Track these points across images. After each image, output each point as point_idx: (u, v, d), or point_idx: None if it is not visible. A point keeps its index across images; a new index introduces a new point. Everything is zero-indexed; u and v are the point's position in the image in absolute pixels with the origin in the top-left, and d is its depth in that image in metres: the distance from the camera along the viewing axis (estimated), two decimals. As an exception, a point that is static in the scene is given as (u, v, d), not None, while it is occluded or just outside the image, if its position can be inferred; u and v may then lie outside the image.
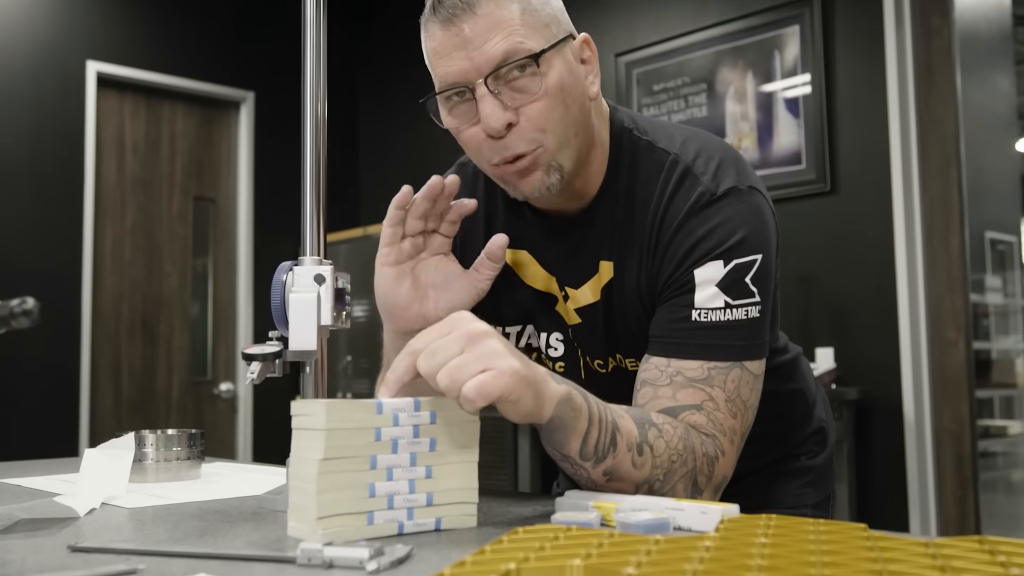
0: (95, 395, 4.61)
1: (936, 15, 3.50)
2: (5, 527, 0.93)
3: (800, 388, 1.38)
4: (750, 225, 1.10)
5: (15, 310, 0.68)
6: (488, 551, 0.70)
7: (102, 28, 4.70)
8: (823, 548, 0.70)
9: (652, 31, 4.27)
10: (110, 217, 4.74)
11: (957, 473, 3.41)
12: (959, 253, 3.46)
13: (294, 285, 1.05)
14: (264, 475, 1.43)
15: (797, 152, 3.75)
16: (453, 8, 1.07)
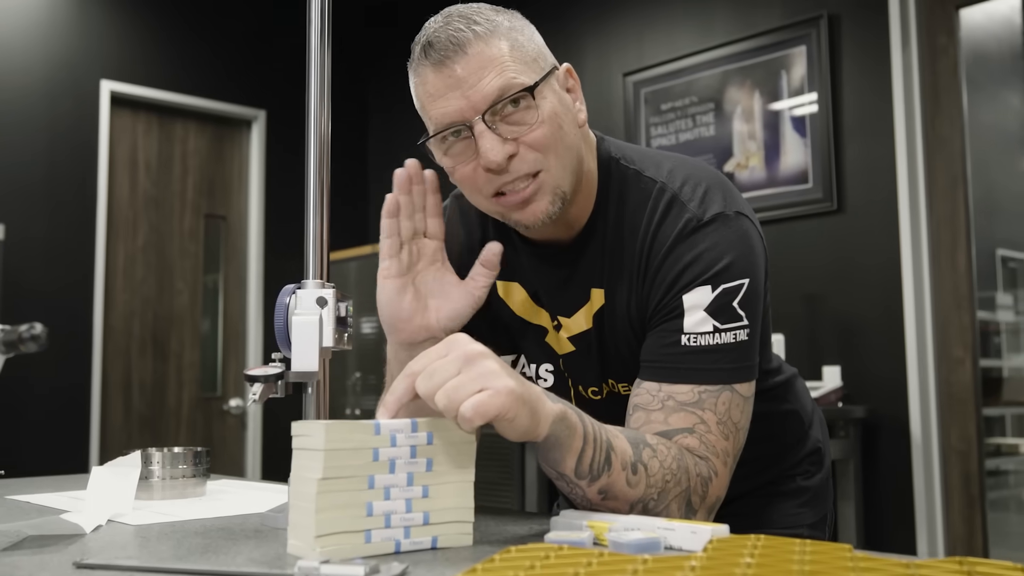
0: (106, 411, 4.64)
1: (942, 34, 3.52)
2: (13, 543, 0.95)
3: (795, 409, 1.39)
4: (737, 250, 1.12)
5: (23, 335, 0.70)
6: (479, 569, 0.72)
7: (116, 48, 4.76)
8: (806, 568, 0.71)
9: (660, 50, 4.30)
10: (122, 235, 4.78)
11: (964, 492, 3.41)
12: (966, 271, 3.46)
13: (297, 307, 1.08)
14: (268, 493, 1.45)
15: (804, 171, 3.76)
16: (444, 51, 1.09)
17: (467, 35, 1.09)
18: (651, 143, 4.27)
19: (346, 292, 1.12)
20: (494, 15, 1.14)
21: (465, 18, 1.11)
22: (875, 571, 0.70)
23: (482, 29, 1.10)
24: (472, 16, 1.12)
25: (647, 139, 4.29)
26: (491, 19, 1.12)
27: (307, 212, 1.12)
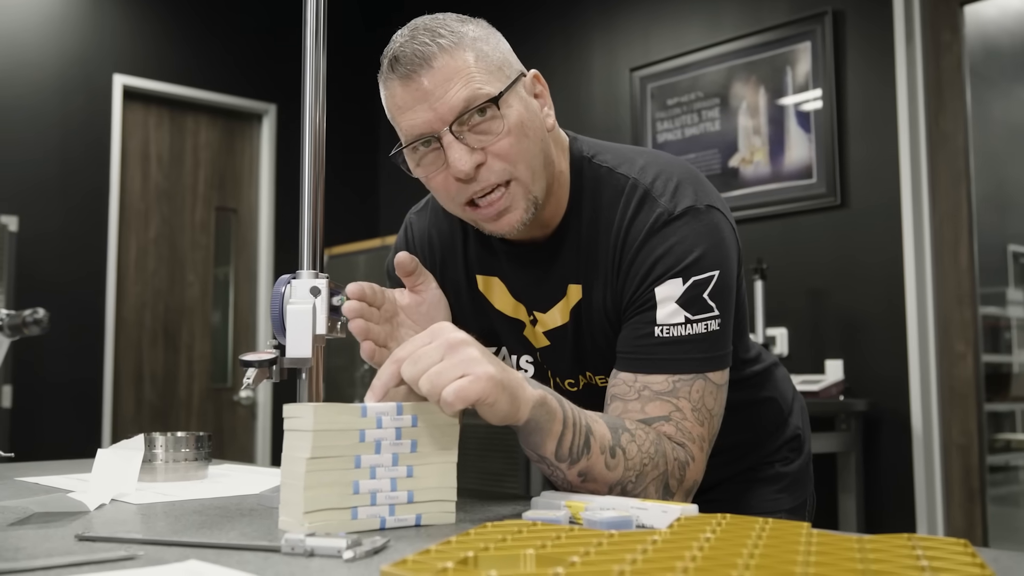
0: (117, 401, 4.71)
1: (947, 31, 3.54)
2: (20, 519, 1.00)
3: (773, 397, 1.41)
4: (707, 243, 1.14)
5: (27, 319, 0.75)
6: (454, 542, 0.76)
7: (128, 42, 4.81)
8: (761, 543, 0.76)
9: (667, 46, 4.32)
10: (134, 227, 4.84)
11: (965, 485, 3.44)
12: (968, 267, 3.48)
13: (292, 297, 1.12)
14: (266, 476, 1.49)
15: (808, 166, 3.78)
16: (410, 64, 1.12)
17: (432, 49, 1.11)
18: (657, 138, 4.30)
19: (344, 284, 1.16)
20: (459, 26, 1.15)
21: (431, 31, 1.13)
22: (826, 545, 0.75)
23: (447, 42, 1.12)
24: (437, 29, 1.13)
25: (653, 134, 4.31)
26: (456, 31, 1.13)
27: (301, 206, 1.16)
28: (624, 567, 0.65)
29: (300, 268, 1.15)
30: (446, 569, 0.65)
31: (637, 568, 0.65)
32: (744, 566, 0.66)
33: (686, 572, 0.64)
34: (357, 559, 0.78)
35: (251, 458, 5.13)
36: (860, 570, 0.65)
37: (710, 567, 0.66)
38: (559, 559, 0.70)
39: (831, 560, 0.68)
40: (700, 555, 0.70)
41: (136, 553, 0.81)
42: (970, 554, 0.71)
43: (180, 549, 0.84)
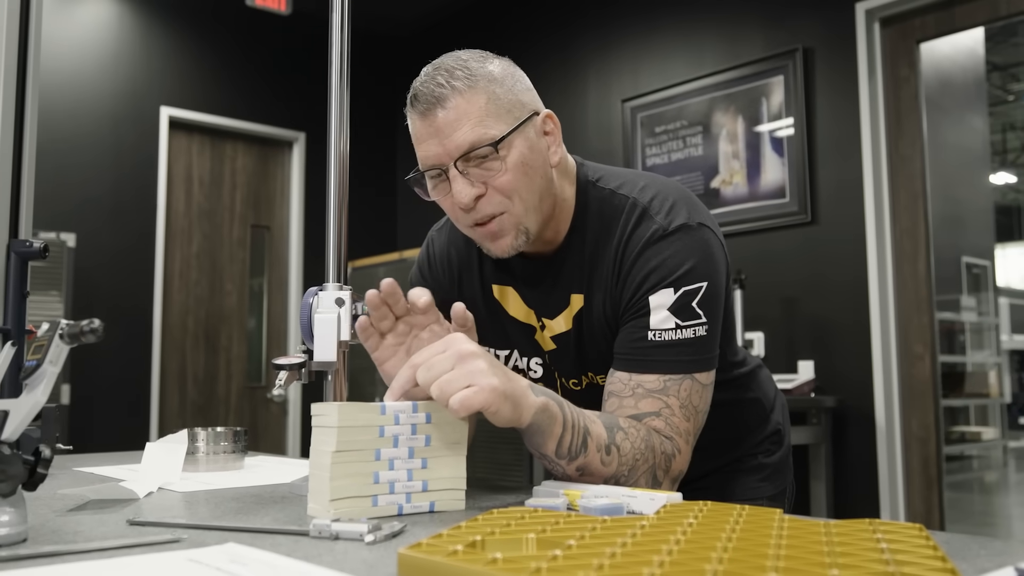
0: (163, 399, 4.72)
1: (904, 66, 3.55)
2: (78, 505, 1.01)
3: (757, 396, 1.41)
4: (697, 257, 1.14)
5: (84, 328, 0.76)
6: (463, 527, 0.76)
7: (173, 79, 4.84)
8: (738, 527, 0.76)
9: (654, 79, 4.33)
10: (179, 243, 4.86)
11: (924, 474, 3.43)
12: (925, 277, 3.48)
13: (319, 307, 1.13)
14: (296, 466, 1.50)
15: (782, 187, 3.79)
16: (427, 103, 1.12)
17: (446, 91, 1.11)
18: (646, 162, 4.30)
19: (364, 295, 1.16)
20: (480, 67, 1.13)
21: (449, 72, 1.12)
22: (796, 530, 0.75)
23: (461, 84, 1.11)
24: (455, 71, 1.12)
25: (643, 158, 4.32)
26: (474, 73, 1.12)
27: (328, 224, 1.17)
28: (616, 549, 0.65)
29: (326, 281, 1.15)
30: (456, 552, 0.66)
31: (627, 550, 0.65)
32: (723, 548, 0.66)
33: (671, 554, 0.64)
34: (377, 542, 0.79)
35: (282, 450, 5.13)
36: (826, 552, 0.65)
37: (692, 549, 0.66)
38: (558, 542, 0.70)
39: (800, 543, 0.68)
40: (683, 538, 0.70)
41: (181, 536, 0.81)
42: (924, 537, 0.71)
43: (219, 533, 0.84)
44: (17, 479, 0.78)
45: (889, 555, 0.63)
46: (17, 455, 0.78)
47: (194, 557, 0.72)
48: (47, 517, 0.93)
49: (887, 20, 3.56)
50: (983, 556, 0.71)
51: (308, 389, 5.15)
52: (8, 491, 0.78)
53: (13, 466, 0.78)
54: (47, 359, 0.79)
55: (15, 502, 0.79)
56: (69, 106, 4.44)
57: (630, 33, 4.48)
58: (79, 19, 4.55)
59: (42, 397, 0.78)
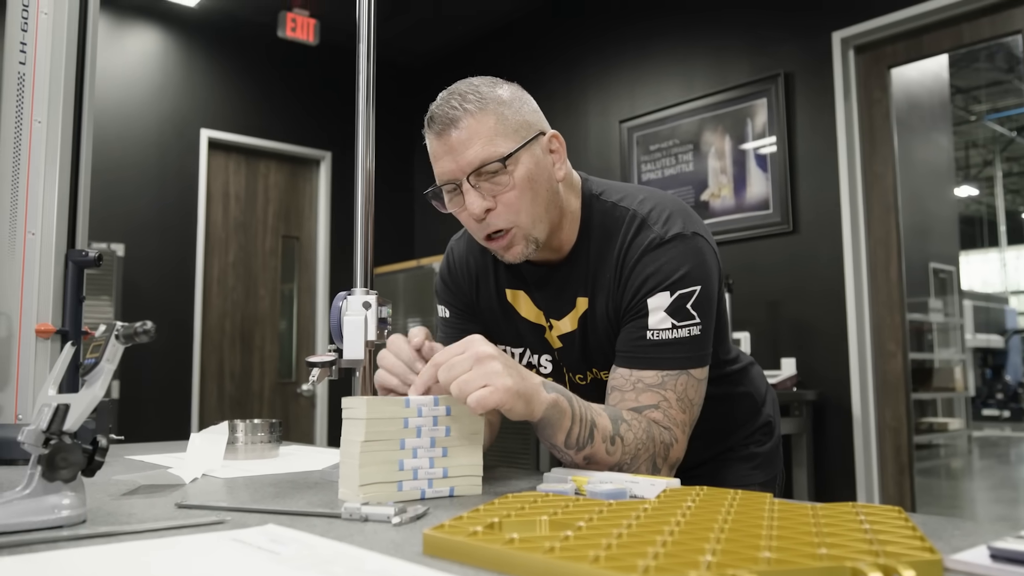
0: (203, 393, 4.73)
1: (877, 89, 3.54)
2: (130, 490, 1.01)
3: (748, 391, 1.40)
4: (692, 263, 1.14)
5: (138, 330, 0.76)
6: (481, 510, 0.76)
7: (213, 104, 4.85)
8: (733, 509, 0.76)
9: (649, 102, 4.33)
10: (217, 252, 4.87)
11: (896, 461, 3.41)
12: (897, 281, 3.47)
13: (348, 309, 1.13)
14: (328, 455, 1.50)
15: (765, 199, 3.78)
16: (442, 124, 1.13)
17: (459, 113, 1.12)
18: (641, 177, 4.30)
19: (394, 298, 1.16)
20: (490, 91, 1.14)
21: (462, 96, 1.13)
22: (785, 512, 0.74)
23: (473, 107, 1.12)
24: (468, 95, 1.13)
25: (639, 174, 4.32)
26: (483, 97, 1.13)
27: (355, 235, 1.17)
28: (622, 530, 0.65)
29: (354, 286, 1.15)
30: (476, 532, 0.66)
31: (632, 531, 0.65)
32: (719, 529, 0.66)
33: (672, 535, 0.64)
34: (403, 524, 0.78)
35: (311, 440, 5.14)
36: (814, 532, 0.65)
37: (691, 530, 0.66)
38: (568, 524, 0.70)
39: (790, 524, 0.68)
40: (683, 520, 0.70)
41: (224, 518, 0.81)
42: (903, 519, 0.70)
43: (259, 515, 0.84)
44: (77, 466, 0.79)
45: (872, 535, 0.63)
46: (77, 444, 0.78)
47: (237, 537, 0.72)
48: (103, 501, 0.93)
49: (861, 47, 3.55)
50: (957, 536, 0.70)
51: (334, 385, 5.16)
52: (69, 477, 0.78)
53: (74, 454, 0.78)
54: (104, 357, 0.79)
55: (75, 487, 0.80)
56: (119, 130, 4.46)
57: (626, 59, 4.48)
58: (128, 50, 4.57)
59: (100, 392, 0.78)
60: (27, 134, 1.41)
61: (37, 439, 0.77)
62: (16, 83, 1.43)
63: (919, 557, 0.56)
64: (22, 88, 1.43)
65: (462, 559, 0.63)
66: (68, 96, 1.46)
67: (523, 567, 0.58)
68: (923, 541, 0.61)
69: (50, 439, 0.78)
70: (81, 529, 0.76)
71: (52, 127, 1.43)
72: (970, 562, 0.58)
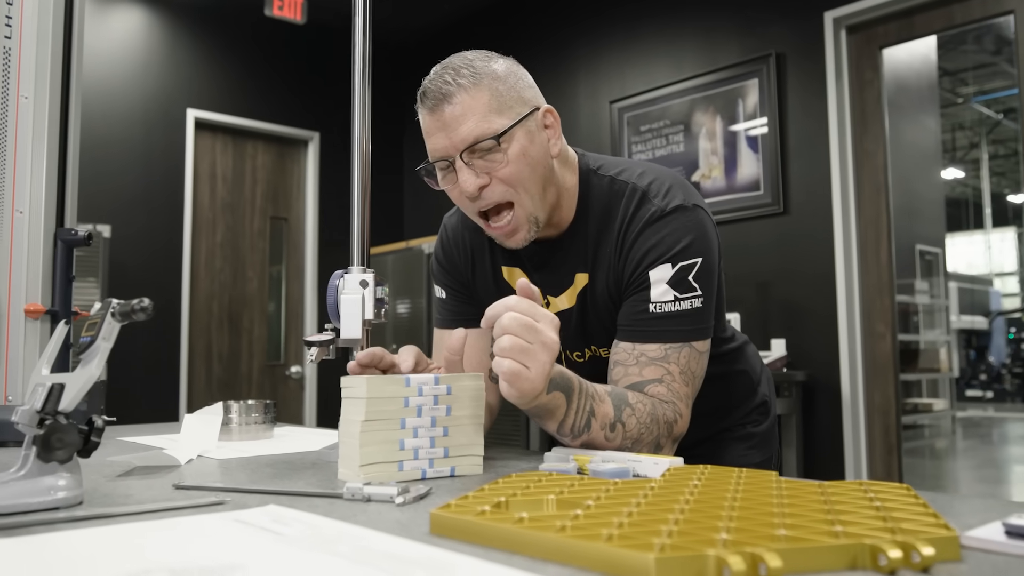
0: (191, 375, 4.70)
1: (868, 70, 3.53)
2: (126, 471, 1.00)
3: (745, 370, 1.40)
4: (693, 235, 1.13)
5: (135, 307, 0.74)
6: (487, 489, 0.75)
7: (199, 83, 4.79)
8: (740, 487, 0.75)
9: (639, 82, 4.31)
10: (204, 233, 4.82)
11: (884, 441, 3.43)
12: (887, 263, 3.48)
13: (345, 288, 1.11)
14: (322, 436, 1.49)
15: (756, 180, 3.77)
16: (435, 99, 1.10)
17: (452, 88, 1.09)
18: (632, 158, 4.27)
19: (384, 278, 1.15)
20: (484, 65, 1.12)
21: (455, 70, 1.11)
22: (793, 490, 0.74)
23: (467, 82, 1.09)
24: (462, 68, 1.11)
25: (629, 154, 4.30)
26: (478, 72, 1.11)
27: (352, 213, 1.15)
28: (631, 509, 0.64)
29: (351, 265, 1.14)
30: (484, 512, 0.64)
31: (642, 510, 0.64)
32: (730, 507, 0.65)
33: (683, 512, 0.63)
34: (407, 504, 0.77)
35: (300, 421, 5.12)
36: (826, 510, 0.64)
37: (702, 508, 0.65)
38: (576, 503, 0.69)
39: (800, 502, 0.68)
40: (692, 499, 0.69)
41: (223, 499, 0.80)
42: (913, 496, 0.70)
43: (259, 496, 0.83)
44: (73, 447, 0.77)
45: (885, 512, 0.62)
46: (73, 424, 0.77)
47: (239, 518, 0.71)
48: (99, 482, 0.91)
49: (853, 28, 3.54)
50: (966, 513, 0.70)
51: (323, 367, 5.14)
52: (65, 458, 0.77)
53: (70, 435, 0.77)
54: (100, 336, 0.77)
55: (71, 468, 0.78)
56: (104, 109, 4.40)
57: (617, 40, 4.45)
58: (112, 29, 4.50)
59: (96, 371, 0.77)
60: (13, 110, 1.38)
61: (32, 419, 0.75)
62: (1, 57, 1.40)
63: (936, 534, 0.55)
64: (7, 62, 1.40)
65: (471, 539, 0.62)
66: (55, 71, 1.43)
67: (535, 546, 0.57)
68: (936, 518, 0.60)
69: (45, 419, 0.76)
70: (78, 511, 0.74)
71: (39, 103, 1.40)
72: (985, 538, 0.58)
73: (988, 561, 0.54)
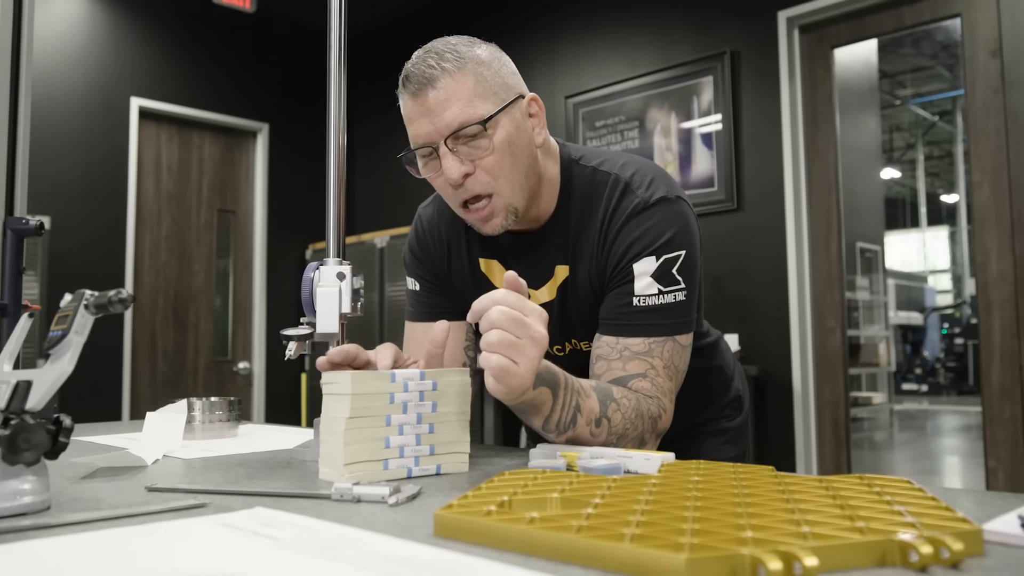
0: (135, 372, 4.55)
1: (820, 69, 3.58)
2: (89, 473, 0.94)
3: (720, 365, 1.39)
4: (677, 227, 1.12)
5: (112, 299, 0.69)
6: (484, 488, 0.73)
7: (143, 69, 4.64)
8: (743, 483, 0.74)
9: (595, 78, 4.31)
10: (149, 226, 4.68)
11: (833, 434, 3.50)
12: (837, 259, 3.54)
13: (320, 281, 1.07)
14: (288, 434, 1.44)
15: (711, 177, 3.80)
16: (418, 83, 1.07)
17: (436, 72, 1.06)
18: (587, 154, 4.27)
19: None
20: (468, 50, 1.09)
21: (439, 55, 1.08)
22: (795, 484, 0.73)
23: (451, 66, 1.07)
24: (445, 53, 1.08)
25: (584, 150, 4.29)
26: (463, 56, 1.08)
27: (328, 205, 1.12)
28: (642, 507, 0.63)
29: (327, 257, 1.10)
30: (491, 512, 0.62)
31: (653, 507, 0.62)
32: (743, 504, 0.64)
33: (698, 509, 0.62)
34: (399, 504, 0.74)
35: (249, 418, 5.01)
36: (840, 505, 0.63)
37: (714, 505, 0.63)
38: (581, 501, 0.67)
39: (810, 498, 0.67)
40: (700, 495, 0.68)
41: (204, 502, 0.76)
42: (918, 490, 0.69)
43: (242, 498, 0.79)
44: (41, 448, 0.72)
45: (901, 507, 0.62)
46: (42, 424, 0.72)
47: (226, 522, 0.67)
48: (63, 485, 0.86)
49: (805, 27, 3.59)
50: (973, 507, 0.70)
51: (271, 363, 5.04)
52: (33, 460, 0.72)
53: (38, 435, 0.72)
54: (73, 329, 0.72)
55: (38, 471, 0.73)
56: (44, 95, 4.22)
57: (572, 35, 4.44)
58: (53, 12, 4.32)
59: (69, 367, 0.72)
60: (-41, 91, 1.31)
61: (-4, 419, 0.70)
62: (-55, 35, 1.32)
63: (959, 528, 0.54)
64: (-48, 41, 1.32)
65: (480, 540, 0.59)
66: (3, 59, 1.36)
67: (553, 547, 0.55)
68: (953, 513, 0.59)
69: (10, 419, 0.71)
70: (46, 517, 0.70)
71: (-13, 84, 1.33)
72: (1003, 532, 0.57)
73: (1013, 555, 0.54)
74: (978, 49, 3.12)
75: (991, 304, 3.04)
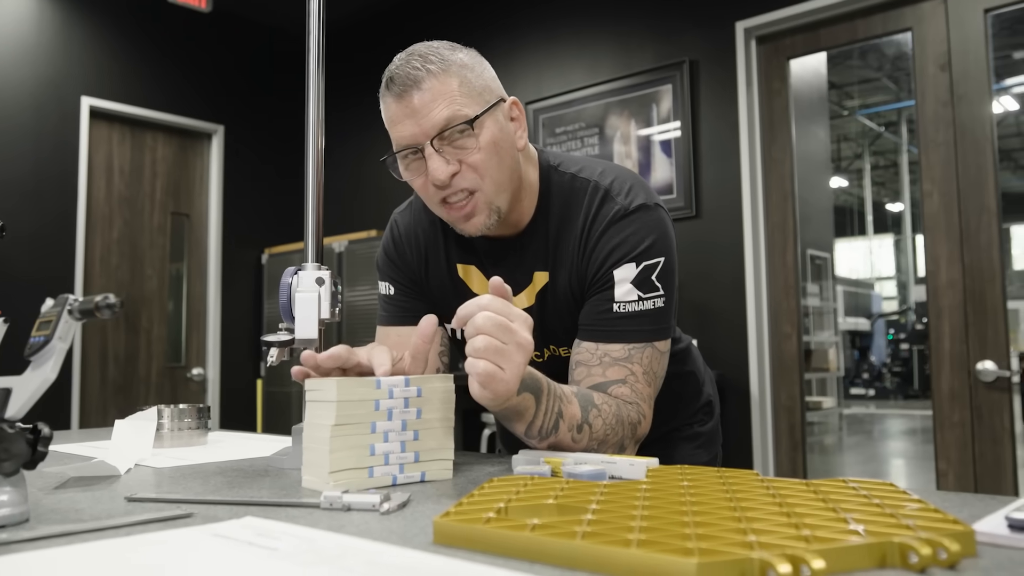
0: (85, 378, 4.44)
1: (776, 79, 3.65)
2: (61, 483, 0.92)
3: (692, 370, 1.41)
4: (656, 234, 1.13)
5: (99, 304, 0.68)
6: (477, 495, 0.73)
7: (95, 68, 4.53)
8: (732, 487, 0.75)
9: (555, 84, 4.33)
10: (100, 229, 4.57)
11: (790, 438, 3.56)
12: (793, 266, 3.60)
13: (299, 286, 1.06)
14: (260, 442, 1.42)
15: (670, 184, 3.85)
16: (403, 85, 1.07)
17: (421, 73, 1.07)
18: (547, 160, 4.29)
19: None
20: (450, 54, 1.10)
21: (423, 57, 1.08)
22: (783, 488, 0.74)
23: (435, 68, 1.07)
24: (429, 55, 1.09)
25: (544, 156, 4.30)
26: (446, 58, 1.09)
27: (306, 209, 1.11)
28: (640, 512, 0.63)
29: (305, 261, 1.09)
30: (490, 519, 0.62)
31: (652, 513, 0.63)
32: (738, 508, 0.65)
33: (696, 515, 0.62)
34: (391, 512, 0.74)
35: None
36: (831, 508, 0.64)
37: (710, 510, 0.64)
38: (577, 508, 0.67)
39: (801, 501, 0.68)
40: (693, 498, 0.68)
41: (189, 511, 0.74)
42: (904, 493, 0.71)
43: (228, 507, 0.77)
44: (20, 458, 0.70)
45: (892, 510, 0.63)
46: (21, 433, 0.70)
47: (219, 532, 0.66)
48: (36, 496, 0.84)
49: (762, 38, 3.66)
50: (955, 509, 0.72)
51: (226, 370, 4.95)
52: (11, 470, 0.70)
53: (17, 444, 0.70)
54: (56, 335, 0.70)
55: (16, 482, 0.71)
56: (-13, 93, 4.10)
57: (533, 41, 4.46)
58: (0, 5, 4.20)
59: (52, 374, 0.70)
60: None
61: (-25, 428, 0.68)
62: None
63: (952, 529, 0.56)
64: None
65: (481, 547, 0.59)
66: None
67: (558, 554, 0.55)
68: (943, 514, 0.61)
69: (-13, 428, 0.69)
70: (24, 530, 0.67)
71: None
72: (991, 532, 0.59)
73: (1005, 555, 0.55)
74: (928, 63, 3.21)
75: (941, 311, 3.12)
